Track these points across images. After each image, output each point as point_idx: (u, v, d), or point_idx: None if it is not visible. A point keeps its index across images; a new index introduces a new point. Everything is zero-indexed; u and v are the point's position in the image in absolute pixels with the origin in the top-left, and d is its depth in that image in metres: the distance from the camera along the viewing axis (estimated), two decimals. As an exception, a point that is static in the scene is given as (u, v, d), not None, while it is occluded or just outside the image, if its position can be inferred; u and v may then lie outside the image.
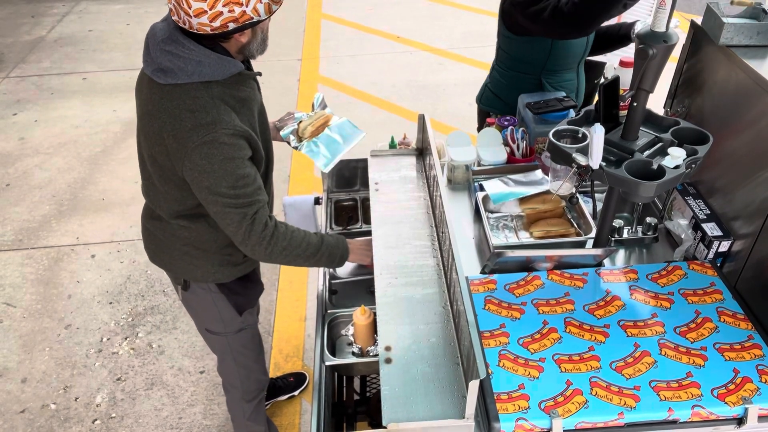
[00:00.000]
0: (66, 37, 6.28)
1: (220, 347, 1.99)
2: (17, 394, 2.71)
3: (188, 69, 1.42)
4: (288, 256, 1.61)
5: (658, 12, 1.37)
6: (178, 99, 1.45)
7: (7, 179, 4.15)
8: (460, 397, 1.29)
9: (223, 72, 1.45)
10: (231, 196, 1.49)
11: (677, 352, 1.44)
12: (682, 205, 1.81)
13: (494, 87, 2.54)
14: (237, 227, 1.53)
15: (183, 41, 1.42)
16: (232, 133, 1.45)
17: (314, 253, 1.64)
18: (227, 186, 1.48)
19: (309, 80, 5.24)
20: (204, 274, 1.76)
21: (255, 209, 1.53)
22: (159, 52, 1.43)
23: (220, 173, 1.46)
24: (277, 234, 1.57)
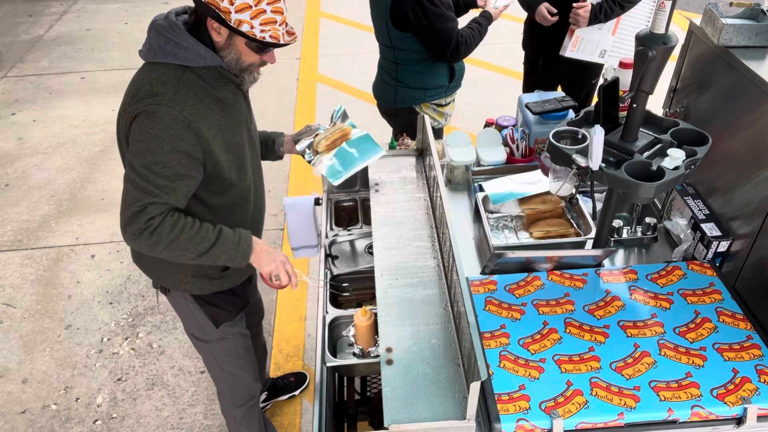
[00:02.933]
0: (64, 36, 6.26)
1: (203, 353, 1.96)
2: (18, 395, 2.71)
3: (167, 48, 1.45)
4: (173, 250, 1.50)
5: (657, 14, 1.37)
6: (147, 73, 1.47)
7: (6, 179, 4.14)
8: (461, 398, 1.29)
9: (198, 59, 1.46)
10: (138, 174, 1.44)
11: (677, 352, 1.45)
12: (682, 206, 1.82)
13: (410, 83, 2.65)
14: (126, 207, 1.46)
15: (172, 24, 1.46)
16: (176, 116, 1.42)
17: (206, 249, 1.53)
18: (141, 163, 1.43)
19: (308, 79, 5.24)
20: (176, 282, 1.72)
21: (151, 200, 1.45)
22: (152, 31, 1.48)
23: (142, 147, 1.43)
24: (162, 228, 1.47)
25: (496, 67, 5.20)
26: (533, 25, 2.88)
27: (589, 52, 2.73)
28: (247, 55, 1.51)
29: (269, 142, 1.92)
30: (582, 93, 3.01)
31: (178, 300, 1.79)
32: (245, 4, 1.39)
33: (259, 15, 1.42)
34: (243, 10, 1.40)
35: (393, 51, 2.59)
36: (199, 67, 1.48)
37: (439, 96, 2.68)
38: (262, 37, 1.44)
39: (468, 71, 2.74)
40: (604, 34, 2.72)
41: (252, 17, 1.41)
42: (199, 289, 1.74)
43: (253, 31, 1.42)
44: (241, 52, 1.49)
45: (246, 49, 1.49)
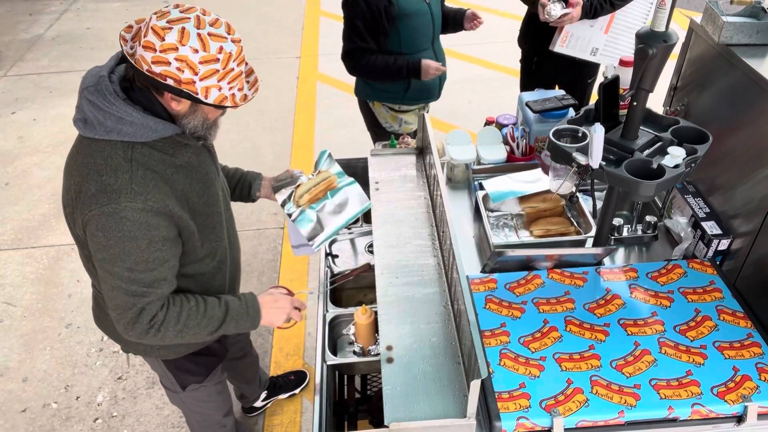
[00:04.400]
0: (64, 35, 6.26)
1: (172, 399, 1.90)
2: (18, 394, 2.72)
3: (107, 124, 1.26)
4: (184, 337, 1.42)
5: (657, 12, 1.37)
6: (91, 156, 1.28)
7: (6, 178, 4.14)
8: (462, 396, 1.29)
9: (148, 134, 1.28)
10: (124, 279, 1.31)
11: (677, 350, 1.45)
12: (682, 204, 1.82)
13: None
14: (120, 314, 1.35)
15: (105, 92, 1.26)
16: (141, 209, 1.26)
17: (216, 328, 1.46)
18: (121, 269, 1.30)
19: (308, 78, 5.24)
20: (146, 349, 1.63)
21: (147, 301, 1.34)
22: (83, 99, 1.29)
23: (116, 252, 1.28)
24: (168, 322, 1.37)
25: (496, 65, 5.19)
26: (529, 22, 2.87)
27: (580, 49, 2.71)
28: (212, 114, 1.38)
29: (244, 184, 1.80)
30: (577, 92, 3.00)
31: (150, 359, 1.73)
32: (212, 70, 1.23)
33: (227, 75, 1.27)
34: (210, 76, 1.24)
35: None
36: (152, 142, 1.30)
37: (392, 101, 2.66)
38: (232, 95, 1.30)
39: (468, 69, 2.75)
40: (596, 32, 2.70)
41: (220, 80, 1.25)
42: (173, 353, 1.65)
43: (223, 93, 1.27)
44: (206, 113, 1.35)
45: (211, 109, 1.34)
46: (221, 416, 2.00)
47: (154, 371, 1.81)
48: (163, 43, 1.20)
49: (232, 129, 4.51)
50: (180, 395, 1.82)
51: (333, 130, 4.45)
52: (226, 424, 2.05)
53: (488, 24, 2.87)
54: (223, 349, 1.81)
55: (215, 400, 1.92)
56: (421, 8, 2.46)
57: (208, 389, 1.85)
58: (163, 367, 1.72)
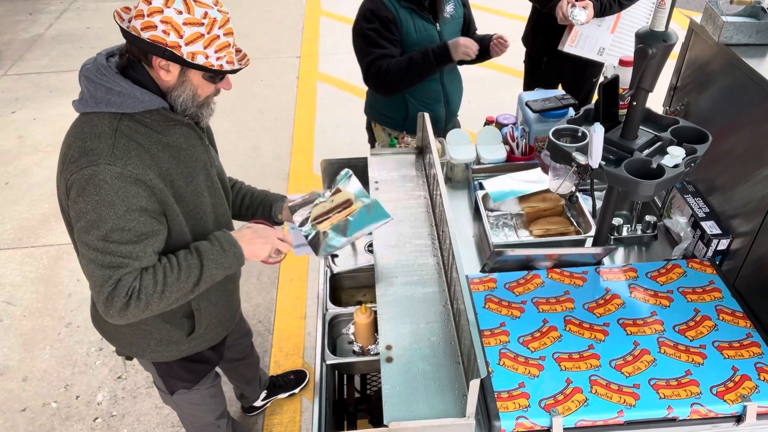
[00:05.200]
0: (64, 34, 6.26)
1: (165, 400, 1.89)
2: (18, 393, 2.72)
3: (97, 95, 1.30)
4: (170, 298, 1.37)
5: (657, 12, 1.37)
6: (80, 126, 1.31)
7: (6, 177, 4.14)
8: (461, 395, 1.30)
9: (134, 104, 1.30)
10: (98, 249, 1.28)
11: (676, 350, 1.45)
12: (682, 204, 1.82)
13: (371, 98, 2.65)
14: (97, 290, 1.32)
15: (99, 66, 1.31)
16: (120, 173, 1.26)
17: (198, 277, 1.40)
18: (96, 237, 1.28)
19: (308, 78, 5.24)
20: (140, 351, 1.61)
21: (122, 273, 1.30)
22: (82, 78, 1.34)
23: (91, 218, 1.27)
24: (145, 288, 1.33)
25: (496, 65, 5.18)
26: (538, 22, 2.86)
27: (588, 48, 2.72)
28: (203, 88, 1.37)
29: (265, 205, 1.78)
30: (583, 91, 3.00)
31: (142, 361, 1.72)
32: (197, 34, 1.26)
33: (212, 42, 1.28)
34: (195, 40, 1.26)
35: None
36: (140, 113, 1.32)
37: (390, 126, 2.58)
38: (220, 65, 1.31)
39: (468, 69, 2.73)
40: (603, 32, 2.71)
41: (206, 46, 1.27)
42: (164, 356, 1.63)
43: (210, 61, 1.29)
44: (197, 86, 1.36)
45: (202, 81, 1.36)
46: (214, 419, 1.99)
47: (147, 372, 1.81)
48: (150, 6, 1.24)
49: (232, 129, 4.51)
50: (173, 397, 1.82)
51: (333, 130, 4.45)
52: (220, 425, 2.05)
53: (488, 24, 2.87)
54: (216, 357, 1.80)
55: (208, 404, 1.92)
56: (429, 36, 2.30)
57: (201, 393, 1.84)
58: (154, 371, 1.72)
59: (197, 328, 1.62)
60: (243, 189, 1.82)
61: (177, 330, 1.60)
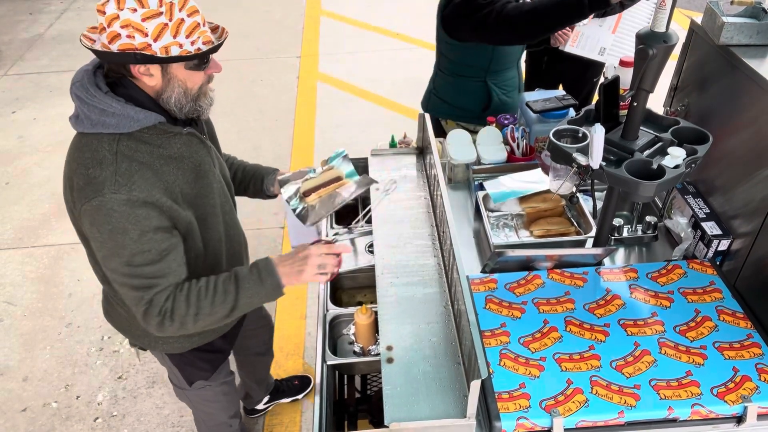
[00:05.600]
0: (64, 34, 6.26)
1: (179, 396, 1.92)
2: (19, 393, 2.72)
3: (92, 117, 1.27)
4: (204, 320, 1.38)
5: (657, 12, 1.37)
6: (81, 150, 1.30)
7: (6, 177, 4.14)
8: (462, 396, 1.30)
9: (130, 124, 1.27)
10: (125, 275, 1.31)
11: (677, 350, 1.45)
12: (682, 204, 1.82)
13: (440, 93, 2.53)
14: (134, 309, 1.36)
15: (88, 86, 1.28)
16: (126, 200, 1.25)
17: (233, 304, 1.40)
18: (120, 264, 1.30)
19: (308, 78, 5.24)
20: (152, 342, 1.63)
21: (153, 293, 1.33)
22: (72, 95, 1.31)
23: (110, 246, 1.28)
24: (177, 309, 1.35)
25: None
26: None
27: (589, 48, 2.73)
28: (192, 80, 1.32)
29: (257, 178, 1.76)
30: (584, 91, 3.01)
31: (158, 355, 1.74)
32: (160, 25, 1.20)
33: (179, 28, 1.23)
34: (161, 33, 1.21)
35: (438, 55, 2.45)
36: (138, 131, 1.30)
37: (467, 120, 2.48)
38: (197, 49, 1.25)
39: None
40: (605, 32, 2.71)
41: (174, 35, 1.22)
42: (176, 348, 1.65)
43: (185, 48, 1.24)
44: (184, 80, 1.31)
45: (188, 73, 1.30)
46: (227, 417, 2.00)
47: (163, 366, 1.82)
48: (106, 16, 1.20)
49: (232, 129, 4.51)
50: (186, 392, 1.84)
51: (333, 130, 4.45)
52: (233, 424, 2.06)
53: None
54: (227, 346, 1.81)
55: (221, 401, 1.92)
56: None
57: (214, 389, 1.85)
58: (169, 363, 1.73)
59: None
60: (236, 164, 1.81)
61: None
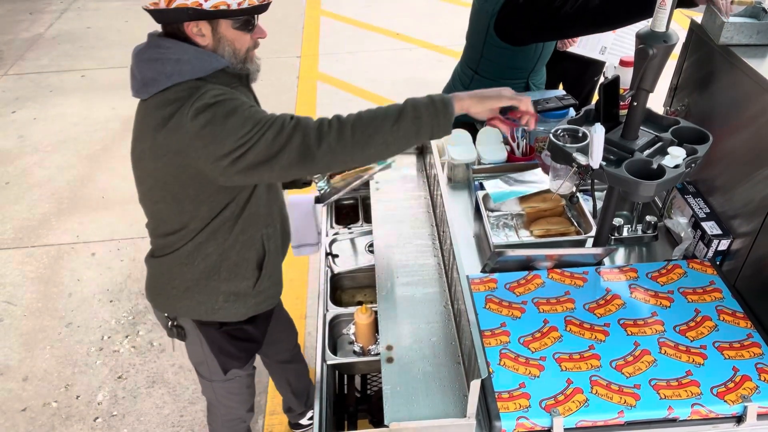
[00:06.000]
0: (64, 34, 6.26)
1: (205, 387, 1.93)
2: (18, 393, 2.72)
3: (167, 70, 1.33)
4: (365, 132, 1.30)
5: (658, 12, 1.37)
6: (160, 98, 1.34)
7: (6, 177, 4.14)
8: (462, 396, 1.30)
9: (204, 66, 1.35)
10: (256, 132, 1.29)
11: (677, 350, 1.45)
12: (682, 204, 1.82)
13: None
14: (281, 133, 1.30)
15: (160, 42, 1.36)
16: (222, 92, 1.32)
17: (397, 116, 1.31)
18: (246, 131, 1.29)
19: (308, 78, 5.24)
20: (209, 311, 1.64)
21: (285, 116, 1.33)
22: (142, 64, 1.37)
23: (230, 127, 1.29)
24: (333, 120, 1.33)
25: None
26: None
27: (590, 47, 2.74)
28: (240, 41, 1.40)
29: None
30: (584, 90, 3.01)
31: (193, 344, 1.75)
32: None
33: None
34: None
35: (476, 59, 2.37)
36: (210, 77, 1.36)
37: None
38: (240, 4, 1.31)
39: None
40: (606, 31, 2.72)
41: None
42: (231, 313, 1.66)
43: (232, 7, 1.31)
44: (232, 40, 1.39)
45: (235, 33, 1.38)
46: (245, 411, 2.03)
47: (193, 359, 1.83)
48: None
49: (232, 128, 4.51)
50: (214, 385, 1.85)
51: (333, 130, 4.44)
52: (246, 419, 2.08)
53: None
54: (260, 335, 1.84)
55: (243, 394, 1.96)
56: None
57: (241, 381, 1.89)
58: (205, 352, 1.74)
59: (262, 278, 1.65)
60: None
61: (244, 280, 1.63)
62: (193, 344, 1.77)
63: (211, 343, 1.73)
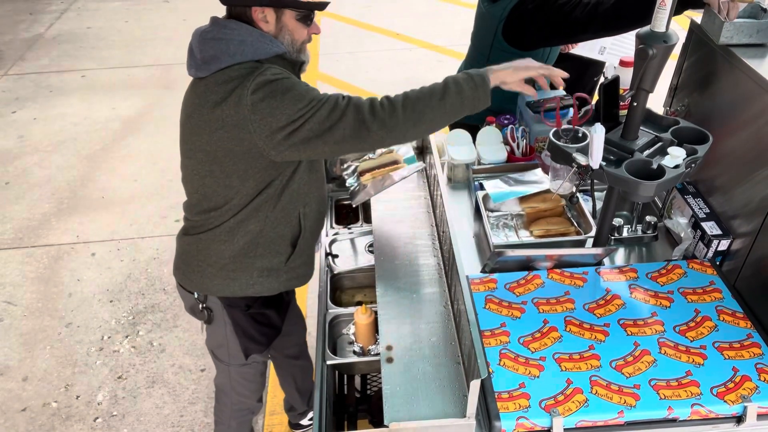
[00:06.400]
0: (64, 34, 6.26)
1: (221, 372, 1.95)
2: (18, 393, 2.72)
3: (230, 50, 1.40)
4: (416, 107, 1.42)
5: (657, 12, 1.37)
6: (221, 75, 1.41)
7: (6, 177, 4.15)
8: (461, 396, 1.30)
9: (266, 50, 1.43)
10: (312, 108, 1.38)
11: (677, 350, 1.45)
12: (682, 204, 1.82)
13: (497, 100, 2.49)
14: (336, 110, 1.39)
15: (225, 22, 1.43)
16: (280, 71, 1.41)
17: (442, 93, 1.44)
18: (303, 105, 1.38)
19: (308, 78, 5.22)
20: (243, 286, 1.66)
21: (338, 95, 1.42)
22: (203, 43, 1.43)
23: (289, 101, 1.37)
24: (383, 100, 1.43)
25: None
26: None
27: (589, 48, 2.74)
28: (298, 32, 1.49)
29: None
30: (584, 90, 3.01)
31: (217, 326, 1.76)
32: None
33: None
34: None
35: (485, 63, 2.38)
36: (269, 60, 1.44)
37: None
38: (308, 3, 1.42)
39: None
40: None
41: None
42: (265, 287, 1.69)
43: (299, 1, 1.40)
44: (293, 30, 1.48)
45: (296, 24, 1.47)
46: (254, 401, 2.05)
47: (213, 342, 1.84)
48: None
49: (232, 128, 4.51)
50: (230, 369, 1.87)
51: (333, 130, 4.45)
52: (255, 410, 2.11)
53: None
54: (279, 322, 1.87)
55: (257, 382, 1.99)
56: None
57: (256, 368, 1.92)
58: (228, 334, 1.75)
59: (295, 253, 1.67)
60: None
61: (278, 255, 1.65)
62: (217, 326, 1.78)
63: (236, 324, 1.74)
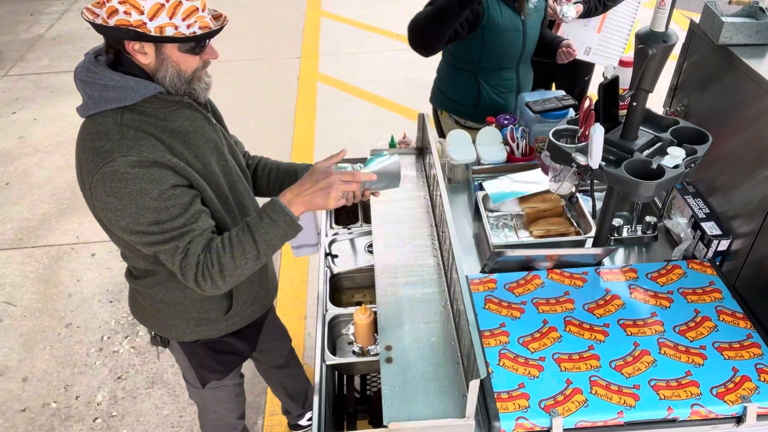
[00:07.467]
0: (65, 34, 6.27)
1: (192, 395, 1.93)
2: (18, 393, 2.72)
3: (95, 95, 1.29)
4: (244, 264, 1.37)
5: (657, 12, 1.37)
6: (86, 129, 1.31)
7: (6, 178, 4.14)
8: (461, 396, 1.30)
9: (131, 95, 1.28)
10: (154, 233, 1.31)
11: (676, 351, 1.45)
12: (682, 204, 1.82)
13: (439, 83, 2.61)
14: (172, 263, 1.35)
15: (90, 66, 1.30)
16: (137, 161, 1.26)
17: (256, 252, 1.37)
18: (147, 224, 1.29)
19: (308, 78, 5.24)
20: (180, 333, 1.64)
21: (186, 242, 1.33)
22: (77, 82, 1.33)
23: (133, 210, 1.28)
24: (210, 268, 1.34)
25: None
26: None
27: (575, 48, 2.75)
28: (186, 63, 1.32)
29: (291, 174, 1.73)
30: (576, 90, 3.02)
31: (175, 352, 1.75)
32: (157, 5, 1.21)
33: (176, 10, 1.23)
34: (157, 13, 1.21)
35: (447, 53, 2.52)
36: (139, 104, 1.30)
37: (458, 113, 2.57)
38: (192, 32, 1.25)
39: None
40: (590, 32, 2.74)
41: (170, 16, 1.22)
42: (204, 335, 1.65)
43: (180, 30, 1.24)
44: (178, 62, 1.31)
45: (182, 55, 1.30)
46: (234, 419, 2.02)
47: (179, 365, 1.82)
48: None
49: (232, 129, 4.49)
50: (200, 392, 1.84)
51: (333, 130, 4.45)
52: (237, 427, 2.07)
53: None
54: (245, 347, 1.81)
55: (232, 402, 1.95)
56: (513, 24, 2.30)
57: (227, 390, 1.88)
58: (186, 362, 1.74)
59: (234, 306, 1.63)
60: (269, 164, 1.78)
61: (215, 309, 1.61)
62: (174, 352, 1.76)
63: (190, 356, 1.71)
